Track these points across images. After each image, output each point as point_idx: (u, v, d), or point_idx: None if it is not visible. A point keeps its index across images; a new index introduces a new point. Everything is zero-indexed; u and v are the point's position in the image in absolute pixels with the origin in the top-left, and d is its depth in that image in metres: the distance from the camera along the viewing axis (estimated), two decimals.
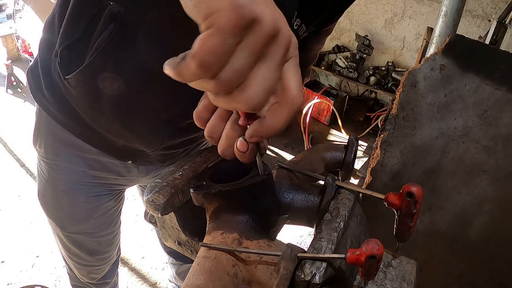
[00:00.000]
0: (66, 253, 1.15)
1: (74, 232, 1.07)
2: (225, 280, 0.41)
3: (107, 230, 1.12)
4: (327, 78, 3.87)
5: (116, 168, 0.96)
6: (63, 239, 1.09)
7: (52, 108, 0.86)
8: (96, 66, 0.70)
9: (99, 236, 1.11)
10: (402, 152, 0.93)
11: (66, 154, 0.92)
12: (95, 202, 1.01)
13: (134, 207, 2.27)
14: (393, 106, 0.94)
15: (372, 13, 3.43)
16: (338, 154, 0.64)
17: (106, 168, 0.95)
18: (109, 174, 0.97)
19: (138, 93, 0.74)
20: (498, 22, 1.75)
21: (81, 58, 0.70)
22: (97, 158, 0.91)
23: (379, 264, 0.34)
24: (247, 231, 0.46)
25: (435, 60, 0.91)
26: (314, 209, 0.50)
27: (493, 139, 0.86)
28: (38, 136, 0.94)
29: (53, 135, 0.91)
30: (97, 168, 0.94)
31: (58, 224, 1.05)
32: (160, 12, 0.64)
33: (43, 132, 0.93)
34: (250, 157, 0.42)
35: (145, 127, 0.81)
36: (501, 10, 1.92)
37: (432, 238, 0.91)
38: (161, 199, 0.52)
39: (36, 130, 0.95)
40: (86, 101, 0.78)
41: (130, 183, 1.08)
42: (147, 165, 0.98)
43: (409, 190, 0.39)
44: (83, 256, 1.13)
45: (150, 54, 0.68)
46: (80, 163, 0.93)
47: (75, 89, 0.76)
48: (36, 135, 0.95)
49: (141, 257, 2.12)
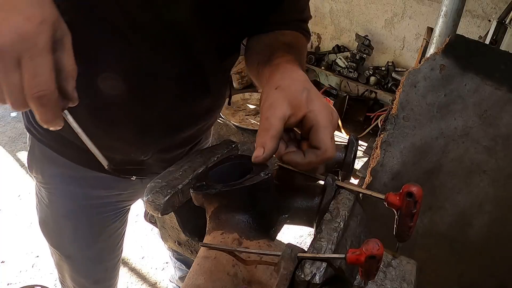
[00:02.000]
0: (72, 284, 1.08)
1: (81, 260, 1.02)
2: (225, 280, 0.41)
3: (112, 254, 1.07)
4: (327, 78, 3.87)
5: (119, 184, 0.92)
6: (70, 270, 1.03)
7: (42, 137, 0.84)
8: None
9: (105, 261, 1.06)
10: (402, 152, 0.93)
11: (64, 177, 0.88)
12: (99, 224, 0.97)
13: (134, 207, 2.26)
14: (393, 106, 0.94)
15: (372, 13, 3.43)
16: (338, 154, 0.63)
17: (108, 185, 0.91)
18: (111, 191, 0.93)
19: (113, 98, 0.71)
20: (498, 22, 1.75)
21: None
22: (98, 175, 0.87)
23: (379, 264, 0.34)
24: (247, 231, 0.46)
25: (435, 60, 0.91)
26: (314, 209, 0.50)
27: (493, 139, 0.86)
28: (33, 163, 0.91)
29: (48, 159, 0.87)
30: (99, 186, 0.90)
31: (63, 252, 1.00)
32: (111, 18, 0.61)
33: (37, 157, 0.89)
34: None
35: (132, 133, 0.78)
36: (501, 10, 1.92)
37: (432, 238, 0.91)
38: (161, 199, 0.52)
39: (30, 157, 0.91)
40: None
41: (134, 198, 1.05)
42: (151, 176, 0.95)
43: (409, 190, 0.39)
44: (89, 286, 1.08)
45: (119, 59, 0.66)
46: (80, 183, 0.89)
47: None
48: (30, 161, 0.92)
49: (141, 257, 2.12)
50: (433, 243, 0.91)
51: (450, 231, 0.90)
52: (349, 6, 3.56)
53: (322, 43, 3.91)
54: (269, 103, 0.51)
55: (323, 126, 0.50)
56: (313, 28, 3.90)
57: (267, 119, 0.50)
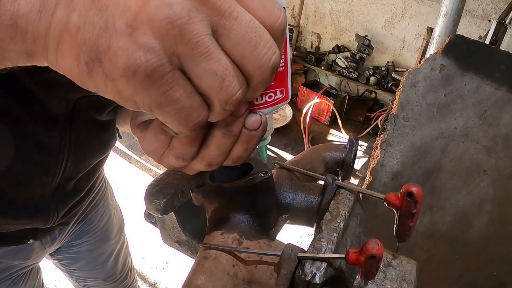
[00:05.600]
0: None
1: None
2: (225, 280, 0.41)
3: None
4: (327, 78, 3.87)
5: (16, 254, 0.79)
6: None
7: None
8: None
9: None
10: (402, 152, 0.93)
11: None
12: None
13: (134, 207, 2.27)
14: (393, 106, 0.94)
15: (372, 13, 3.43)
16: (338, 154, 0.64)
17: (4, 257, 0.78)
18: (12, 261, 0.80)
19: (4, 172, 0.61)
20: (498, 22, 1.75)
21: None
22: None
23: (379, 264, 0.34)
24: (247, 231, 0.46)
25: (435, 60, 0.91)
26: (314, 209, 0.50)
27: (493, 139, 0.86)
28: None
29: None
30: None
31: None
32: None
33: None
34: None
35: (28, 208, 0.68)
36: (501, 10, 1.92)
37: (432, 238, 0.91)
38: (161, 199, 0.52)
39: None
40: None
41: (39, 259, 0.91)
42: (50, 235, 0.84)
43: (409, 190, 0.39)
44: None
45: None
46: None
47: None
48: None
49: (141, 257, 2.12)
50: (433, 243, 0.91)
51: (450, 231, 0.90)
52: (349, 6, 3.56)
53: (322, 43, 3.91)
54: None
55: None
56: (313, 28, 3.90)
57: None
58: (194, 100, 0.26)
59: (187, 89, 0.26)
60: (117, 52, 0.24)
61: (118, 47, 0.24)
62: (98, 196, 0.96)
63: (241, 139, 0.32)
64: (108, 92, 0.26)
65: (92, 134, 0.71)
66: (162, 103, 0.25)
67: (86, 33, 0.24)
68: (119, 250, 1.10)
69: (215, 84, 0.26)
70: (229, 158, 0.33)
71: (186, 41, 0.24)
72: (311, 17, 3.86)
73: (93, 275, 1.08)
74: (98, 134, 0.73)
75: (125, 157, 2.85)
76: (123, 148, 2.90)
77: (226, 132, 0.31)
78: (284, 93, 0.35)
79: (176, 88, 0.25)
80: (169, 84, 0.25)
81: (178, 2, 0.23)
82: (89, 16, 0.24)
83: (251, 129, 0.32)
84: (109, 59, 0.24)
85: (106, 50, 0.24)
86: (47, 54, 0.26)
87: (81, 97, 0.61)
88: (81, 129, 0.66)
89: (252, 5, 0.26)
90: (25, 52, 0.27)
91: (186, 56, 0.25)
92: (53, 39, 0.25)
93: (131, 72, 0.24)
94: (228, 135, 0.31)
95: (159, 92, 0.25)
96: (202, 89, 0.26)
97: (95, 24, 0.24)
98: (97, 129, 0.72)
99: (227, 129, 0.30)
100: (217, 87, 0.26)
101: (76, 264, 1.04)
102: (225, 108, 0.27)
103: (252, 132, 0.32)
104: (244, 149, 0.33)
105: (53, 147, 0.64)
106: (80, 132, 0.66)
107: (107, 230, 1.02)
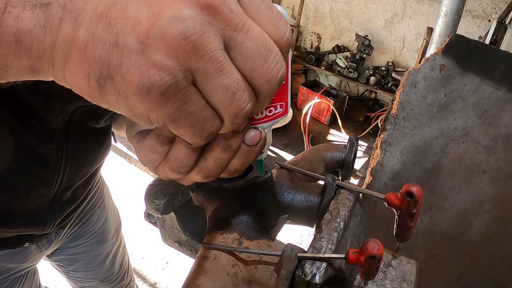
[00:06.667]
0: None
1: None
2: (225, 280, 0.41)
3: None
4: (327, 78, 3.87)
5: (12, 257, 0.79)
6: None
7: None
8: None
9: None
10: (402, 152, 0.93)
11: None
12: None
13: (134, 207, 2.27)
14: (393, 106, 0.94)
15: (372, 13, 3.44)
16: (338, 154, 0.64)
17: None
18: (8, 264, 0.81)
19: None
20: (498, 22, 1.75)
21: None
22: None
23: (379, 264, 0.34)
24: (247, 231, 0.46)
25: (435, 60, 0.91)
26: (314, 209, 0.50)
27: (493, 139, 0.86)
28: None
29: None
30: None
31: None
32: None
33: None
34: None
35: (25, 218, 0.68)
36: (501, 10, 1.92)
37: (432, 238, 0.91)
38: (161, 199, 0.52)
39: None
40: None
41: (36, 261, 0.92)
42: (46, 238, 0.84)
43: (409, 190, 0.39)
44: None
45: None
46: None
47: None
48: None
49: (141, 257, 2.12)
50: (433, 243, 0.91)
51: (450, 231, 0.90)
52: (349, 6, 3.56)
53: (322, 43, 3.91)
54: None
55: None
56: (313, 28, 3.90)
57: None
58: (207, 112, 0.26)
59: (200, 103, 0.26)
60: (129, 70, 0.23)
61: (131, 64, 0.23)
62: (95, 198, 0.95)
63: (240, 154, 0.32)
64: (121, 109, 0.26)
65: (89, 144, 0.71)
66: (177, 118, 0.25)
67: (95, 50, 0.23)
68: (116, 251, 1.10)
69: (226, 99, 0.26)
70: (226, 170, 0.33)
71: (199, 57, 0.24)
72: (311, 17, 3.86)
73: (90, 276, 1.08)
74: (95, 143, 0.73)
75: (125, 157, 2.85)
76: (123, 148, 2.90)
77: (225, 147, 0.30)
78: (284, 107, 0.34)
79: (190, 102, 0.25)
80: (183, 99, 0.25)
81: (191, 17, 0.23)
82: (97, 31, 0.23)
83: (250, 144, 0.31)
84: (121, 77, 0.24)
85: (118, 68, 0.23)
86: (53, 71, 0.26)
87: (78, 107, 0.61)
88: (78, 140, 0.66)
89: (260, 20, 0.26)
90: (30, 68, 0.26)
91: (200, 71, 0.24)
92: (60, 55, 0.25)
93: (145, 90, 0.24)
94: (227, 150, 0.31)
95: (173, 108, 0.25)
96: (213, 103, 0.26)
97: (104, 40, 0.23)
98: (94, 138, 0.72)
99: (226, 144, 0.30)
100: (227, 101, 0.26)
101: (73, 265, 1.04)
102: (235, 122, 0.27)
103: (251, 148, 0.32)
104: (241, 163, 0.32)
105: (50, 159, 0.63)
106: (77, 143, 0.66)
107: (104, 231, 1.02)
